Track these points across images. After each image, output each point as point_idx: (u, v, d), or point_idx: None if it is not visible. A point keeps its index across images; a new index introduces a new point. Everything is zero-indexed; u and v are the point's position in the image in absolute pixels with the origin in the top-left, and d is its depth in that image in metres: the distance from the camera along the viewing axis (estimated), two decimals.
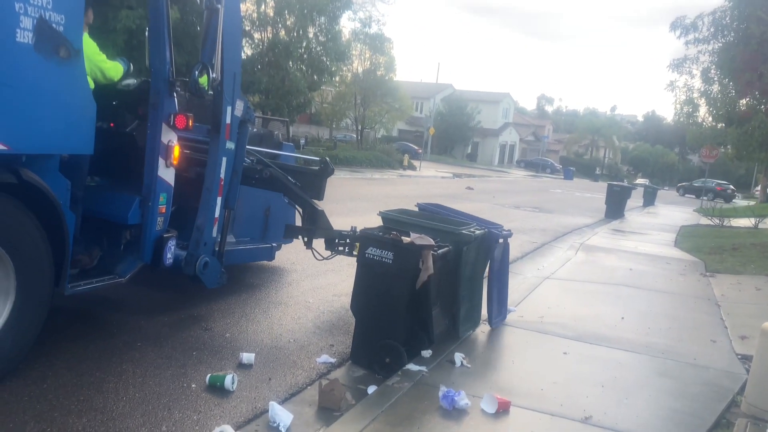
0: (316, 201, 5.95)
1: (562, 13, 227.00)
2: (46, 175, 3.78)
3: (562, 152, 78.77)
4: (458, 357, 4.85)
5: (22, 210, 3.61)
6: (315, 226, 5.86)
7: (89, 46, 4.54)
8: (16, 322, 3.66)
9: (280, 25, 26.16)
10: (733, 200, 46.17)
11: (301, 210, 5.96)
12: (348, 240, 6.05)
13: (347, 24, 31.38)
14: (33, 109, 3.50)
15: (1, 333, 3.59)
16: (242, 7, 5.34)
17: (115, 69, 4.84)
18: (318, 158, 6.45)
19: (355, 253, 5.73)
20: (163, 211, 4.75)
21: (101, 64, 4.70)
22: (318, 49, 26.59)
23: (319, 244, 6.10)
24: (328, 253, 6.14)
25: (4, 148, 3.36)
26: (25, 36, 3.37)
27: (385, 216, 5.61)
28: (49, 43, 3.51)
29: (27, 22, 3.37)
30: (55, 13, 3.52)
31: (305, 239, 6.02)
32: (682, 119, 24.83)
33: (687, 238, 16.22)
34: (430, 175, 35.19)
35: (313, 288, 6.93)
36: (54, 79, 3.61)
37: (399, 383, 4.27)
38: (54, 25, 3.53)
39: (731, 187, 51.22)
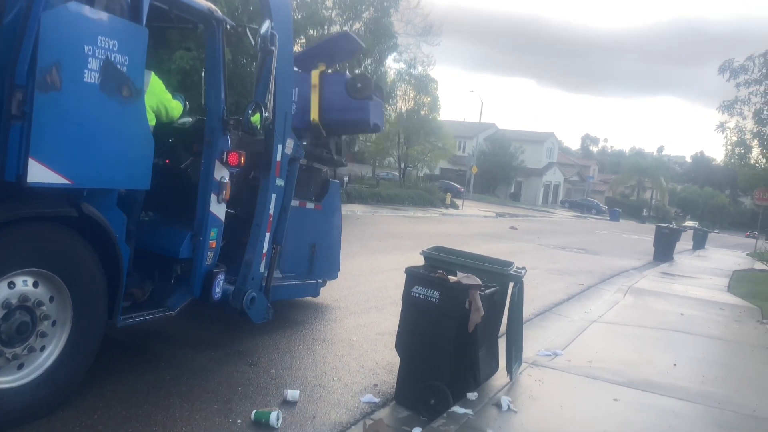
0: None
1: (607, 54, 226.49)
2: (104, 209, 3.89)
3: (608, 193, 77.53)
4: (505, 400, 4.74)
5: (81, 243, 3.72)
6: None
7: (157, 83, 4.73)
8: (71, 352, 3.74)
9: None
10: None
11: None
12: None
13: (392, 65, 32.02)
14: (96, 146, 3.63)
15: (57, 363, 3.68)
16: (293, 48, 5.48)
17: (177, 107, 5.01)
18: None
19: None
20: (214, 245, 4.84)
21: (167, 102, 4.87)
22: None
23: None
24: None
25: (68, 182, 3.49)
26: (92, 76, 3.51)
27: (428, 255, 5.56)
28: (113, 83, 3.64)
29: (94, 64, 3.51)
30: (120, 55, 3.66)
31: None
32: (733, 161, 24.21)
33: (741, 283, 15.67)
34: (472, 214, 35.01)
35: (356, 325, 6.91)
36: (116, 116, 3.74)
37: (444, 426, 4.19)
38: (118, 66, 3.67)
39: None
